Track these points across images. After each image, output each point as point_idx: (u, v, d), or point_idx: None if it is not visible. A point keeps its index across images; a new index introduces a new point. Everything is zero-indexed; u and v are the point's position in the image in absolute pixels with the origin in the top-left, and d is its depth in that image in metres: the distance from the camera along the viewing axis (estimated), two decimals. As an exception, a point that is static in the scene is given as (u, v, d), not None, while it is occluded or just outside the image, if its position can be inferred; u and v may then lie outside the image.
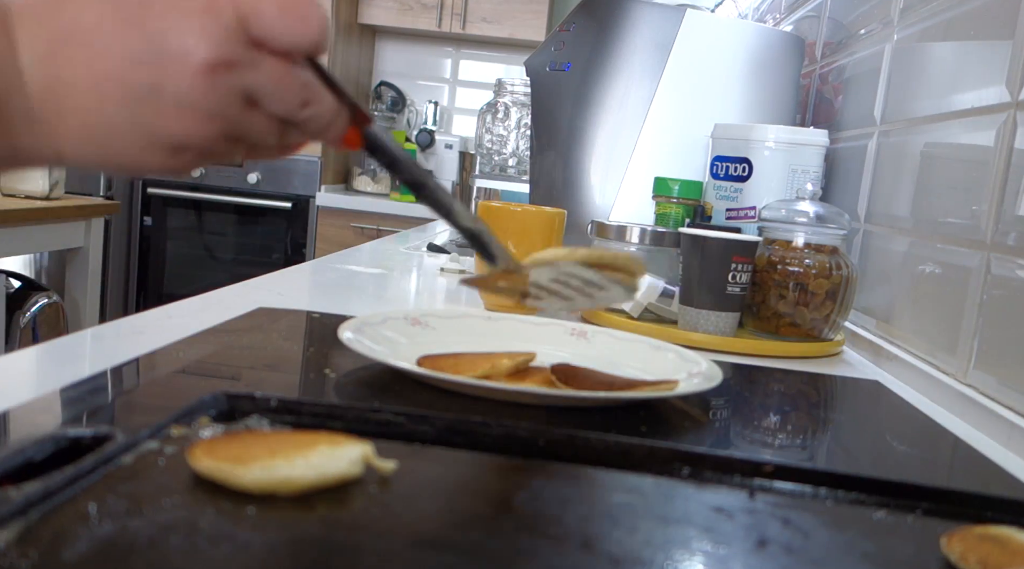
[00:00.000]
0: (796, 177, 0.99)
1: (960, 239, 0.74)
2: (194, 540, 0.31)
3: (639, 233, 0.93)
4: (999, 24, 0.72)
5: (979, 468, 0.53)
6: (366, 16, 3.36)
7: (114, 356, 0.56)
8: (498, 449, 0.47)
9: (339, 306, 0.84)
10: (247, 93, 0.38)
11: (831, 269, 0.85)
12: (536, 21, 3.29)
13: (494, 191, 2.72)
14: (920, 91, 0.88)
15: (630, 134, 1.11)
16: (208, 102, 0.37)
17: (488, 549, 0.34)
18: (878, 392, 0.73)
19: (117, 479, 0.36)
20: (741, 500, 0.42)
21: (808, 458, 0.53)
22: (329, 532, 0.34)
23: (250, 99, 0.39)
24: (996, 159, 0.69)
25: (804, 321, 0.85)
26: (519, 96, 2.99)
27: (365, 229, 3.16)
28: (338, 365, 0.59)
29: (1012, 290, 0.65)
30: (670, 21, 1.11)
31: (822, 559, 0.37)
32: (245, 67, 0.38)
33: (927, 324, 0.79)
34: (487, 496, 0.41)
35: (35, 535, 0.30)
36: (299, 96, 0.40)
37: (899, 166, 0.91)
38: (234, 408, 0.48)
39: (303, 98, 0.40)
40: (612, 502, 0.41)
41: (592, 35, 1.13)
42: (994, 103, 0.71)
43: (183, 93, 0.37)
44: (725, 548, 0.36)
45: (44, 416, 0.45)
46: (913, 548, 0.39)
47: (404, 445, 0.45)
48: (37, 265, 3.06)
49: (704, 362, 0.63)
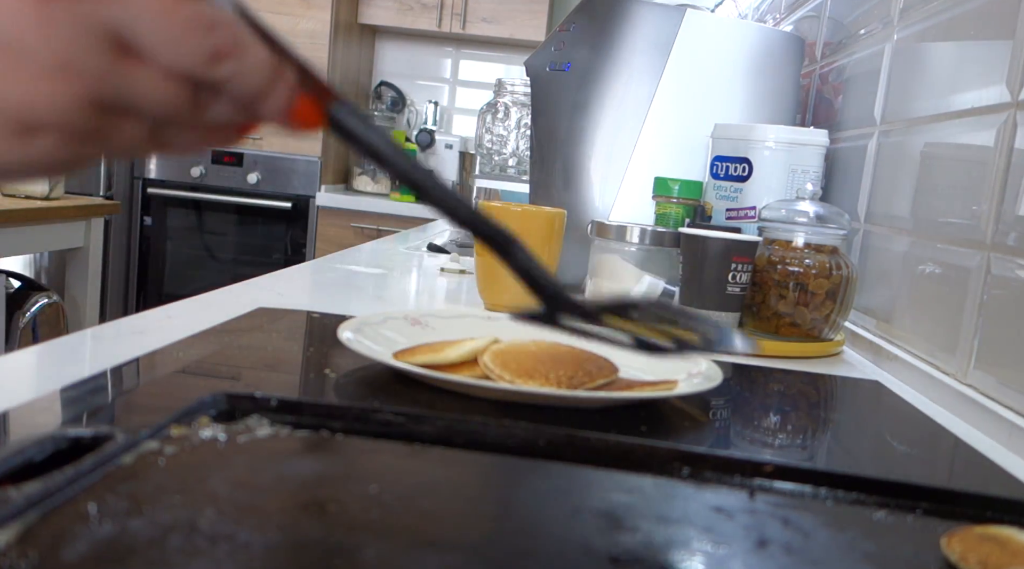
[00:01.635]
0: (796, 177, 0.99)
1: (960, 239, 0.74)
2: (194, 540, 0.31)
3: (639, 233, 0.93)
4: (999, 24, 0.72)
5: (979, 468, 0.53)
6: (366, 16, 3.36)
7: (114, 356, 0.56)
8: (498, 449, 0.47)
9: (339, 306, 0.84)
10: (113, 30, 0.27)
11: (831, 269, 0.85)
12: (536, 21, 3.29)
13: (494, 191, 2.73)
14: (920, 91, 0.88)
15: (630, 134, 1.11)
16: (50, 44, 0.26)
17: (488, 549, 0.34)
18: (878, 392, 0.73)
19: (117, 479, 0.36)
20: (741, 500, 0.42)
21: (808, 458, 0.53)
22: (329, 532, 0.34)
23: (121, 41, 0.27)
24: (996, 159, 0.69)
25: (804, 321, 0.85)
26: (519, 96, 2.99)
27: (365, 229, 3.16)
28: (338, 365, 0.59)
29: (1012, 290, 0.65)
30: (670, 21, 1.11)
31: (822, 559, 0.37)
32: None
33: (927, 324, 0.79)
34: (487, 496, 0.41)
35: (35, 535, 0.30)
36: (204, 39, 0.28)
37: (899, 166, 0.91)
38: (234, 408, 0.48)
39: (213, 44, 0.28)
40: (612, 502, 0.41)
41: (592, 35, 1.13)
42: (994, 103, 0.71)
43: (9, 33, 0.26)
44: (725, 548, 0.36)
45: (44, 416, 0.45)
46: (913, 548, 0.39)
47: (404, 445, 0.45)
48: (37, 265, 3.06)
49: (704, 362, 0.63)
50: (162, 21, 0.27)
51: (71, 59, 0.26)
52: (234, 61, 0.29)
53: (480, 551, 0.34)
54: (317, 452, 0.44)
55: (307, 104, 0.33)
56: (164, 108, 0.29)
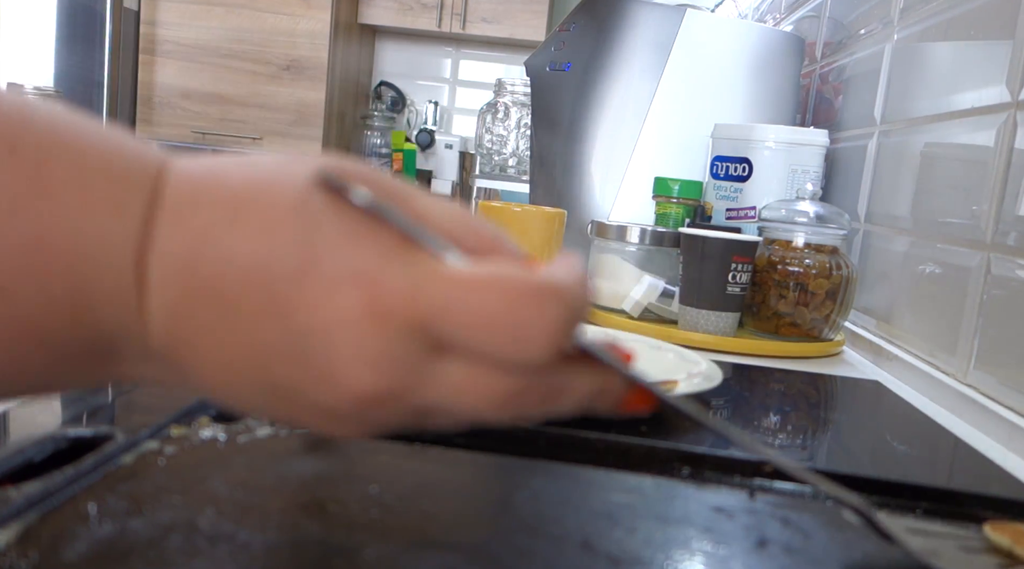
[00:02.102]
0: (796, 177, 0.99)
1: (960, 239, 0.74)
2: (194, 540, 0.31)
3: (639, 233, 0.93)
4: (999, 24, 0.72)
5: (979, 468, 0.53)
6: (366, 16, 3.36)
7: (114, 356, 0.56)
8: (498, 449, 0.47)
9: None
10: (426, 411, 0.27)
11: (831, 269, 0.85)
12: (536, 21, 3.29)
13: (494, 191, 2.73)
14: (920, 91, 0.88)
15: (630, 134, 1.11)
16: (367, 423, 0.27)
17: (488, 549, 0.34)
18: (878, 392, 0.73)
19: (117, 479, 0.36)
20: (741, 500, 0.42)
21: (808, 458, 0.53)
22: (329, 532, 0.34)
23: (429, 412, 0.27)
24: (996, 159, 0.69)
25: (804, 321, 0.85)
26: (519, 96, 2.99)
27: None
28: (338, 365, 0.59)
29: (1012, 290, 0.65)
30: (670, 21, 1.11)
31: (822, 559, 0.37)
32: (421, 387, 0.26)
33: (927, 324, 0.79)
34: (487, 496, 0.41)
35: (35, 535, 0.30)
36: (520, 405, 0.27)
37: (899, 166, 0.91)
38: (234, 408, 0.48)
39: (528, 404, 0.27)
40: (612, 502, 0.41)
41: (592, 35, 1.13)
42: (994, 103, 0.71)
43: (333, 408, 0.26)
44: (725, 548, 0.36)
45: (44, 416, 0.45)
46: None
47: (404, 445, 0.45)
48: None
49: (704, 362, 0.63)
50: (474, 397, 0.26)
51: (383, 425, 0.27)
52: (553, 406, 0.27)
53: (480, 551, 0.34)
54: (317, 452, 0.44)
55: (632, 398, 0.30)
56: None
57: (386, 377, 0.25)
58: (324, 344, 0.25)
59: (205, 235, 0.25)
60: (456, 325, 0.25)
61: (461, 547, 0.34)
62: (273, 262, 0.25)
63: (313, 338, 0.25)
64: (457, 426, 0.28)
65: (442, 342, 0.25)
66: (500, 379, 0.26)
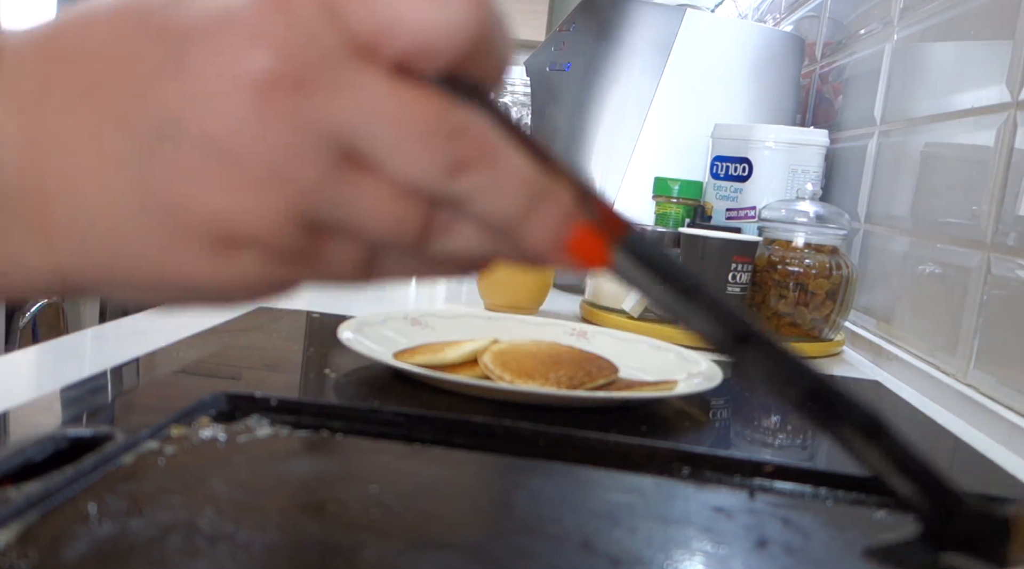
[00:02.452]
0: (796, 177, 0.99)
1: (960, 239, 0.74)
2: (194, 540, 0.31)
3: (639, 233, 0.93)
4: (999, 24, 0.72)
5: (979, 468, 0.53)
6: (366, 16, 3.36)
7: (114, 356, 0.56)
8: (498, 449, 0.47)
9: (339, 306, 0.84)
10: (339, 135, 0.22)
11: (831, 269, 0.85)
12: (536, 21, 3.29)
13: (494, 191, 2.72)
14: (920, 91, 0.88)
15: (630, 134, 1.11)
16: (264, 148, 0.21)
17: (488, 549, 0.34)
18: (878, 392, 0.73)
19: (117, 479, 0.36)
20: (741, 500, 0.42)
21: (808, 458, 0.53)
22: (329, 532, 0.34)
23: (346, 148, 0.22)
24: (996, 159, 0.69)
25: (804, 321, 0.85)
26: (519, 96, 2.99)
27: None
28: (338, 365, 0.59)
29: (1012, 290, 0.65)
30: (670, 21, 1.11)
31: (822, 559, 0.37)
32: (334, 88, 0.21)
33: (927, 324, 0.79)
34: (487, 496, 0.41)
35: (35, 535, 0.30)
36: (445, 145, 0.22)
37: (899, 166, 0.91)
38: (234, 408, 0.48)
39: (455, 152, 0.22)
40: (612, 502, 0.41)
41: (592, 35, 1.13)
42: (994, 103, 0.71)
43: (220, 132, 0.21)
44: (725, 548, 0.36)
45: (44, 416, 0.45)
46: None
47: (404, 445, 0.45)
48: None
49: (704, 362, 0.63)
50: (399, 124, 0.22)
51: (286, 166, 0.21)
52: (481, 173, 0.22)
53: (480, 551, 0.34)
54: (317, 452, 0.44)
55: (586, 235, 0.24)
56: (388, 230, 0.23)
57: (291, 52, 0.21)
58: (209, 41, 0.21)
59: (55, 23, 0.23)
60: (368, 8, 0.21)
61: (461, 547, 0.34)
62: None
63: (196, 36, 0.21)
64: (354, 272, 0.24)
65: (358, 37, 0.22)
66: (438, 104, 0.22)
